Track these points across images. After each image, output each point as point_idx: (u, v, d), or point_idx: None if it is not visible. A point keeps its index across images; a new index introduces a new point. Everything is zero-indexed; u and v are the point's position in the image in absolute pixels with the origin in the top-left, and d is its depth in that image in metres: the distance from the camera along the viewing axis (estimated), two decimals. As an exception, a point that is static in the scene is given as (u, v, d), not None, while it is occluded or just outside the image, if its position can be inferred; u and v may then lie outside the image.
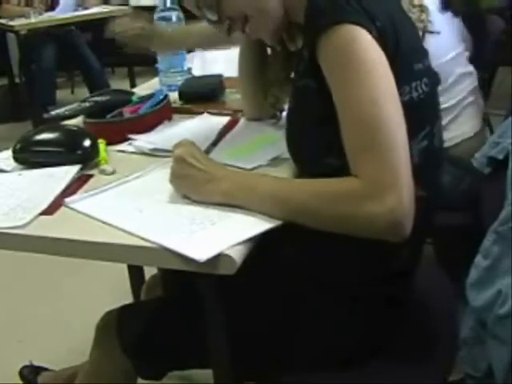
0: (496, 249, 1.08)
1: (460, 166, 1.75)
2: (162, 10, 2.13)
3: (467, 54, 2.17)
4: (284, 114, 1.58)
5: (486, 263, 1.10)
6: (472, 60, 2.19)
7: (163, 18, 2.13)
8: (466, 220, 1.45)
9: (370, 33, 1.09)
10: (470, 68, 2.17)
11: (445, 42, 2.03)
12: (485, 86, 2.35)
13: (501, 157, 1.25)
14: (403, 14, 1.29)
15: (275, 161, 1.42)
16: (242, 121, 1.71)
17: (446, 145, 1.44)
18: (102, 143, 1.50)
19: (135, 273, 2.27)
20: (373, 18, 1.11)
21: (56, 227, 1.20)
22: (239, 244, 1.06)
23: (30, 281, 3.10)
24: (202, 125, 1.67)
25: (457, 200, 1.64)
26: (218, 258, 1.03)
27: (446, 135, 1.44)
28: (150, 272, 2.17)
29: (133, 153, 1.56)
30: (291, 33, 1.41)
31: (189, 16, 1.68)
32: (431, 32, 1.92)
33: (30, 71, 5.67)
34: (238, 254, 1.05)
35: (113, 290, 2.73)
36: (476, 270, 1.12)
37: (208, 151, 1.47)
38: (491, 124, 2.48)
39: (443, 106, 1.83)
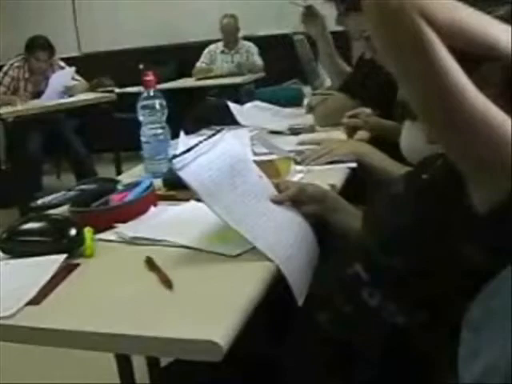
0: None
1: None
2: (145, 98, 2.17)
3: None
4: None
5: None
6: None
7: (146, 107, 2.17)
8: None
9: None
10: None
11: None
12: None
13: None
14: None
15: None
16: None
17: None
18: (89, 231, 1.50)
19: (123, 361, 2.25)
20: None
21: (43, 317, 1.19)
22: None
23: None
24: (187, 212, 1.69)
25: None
26: (205, 344, 1.02)
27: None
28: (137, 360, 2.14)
29: (113, 241, 1.56)
30: None
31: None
32: None
33: (16, 158, 5.71)
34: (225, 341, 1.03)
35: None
36: None
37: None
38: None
39: None
